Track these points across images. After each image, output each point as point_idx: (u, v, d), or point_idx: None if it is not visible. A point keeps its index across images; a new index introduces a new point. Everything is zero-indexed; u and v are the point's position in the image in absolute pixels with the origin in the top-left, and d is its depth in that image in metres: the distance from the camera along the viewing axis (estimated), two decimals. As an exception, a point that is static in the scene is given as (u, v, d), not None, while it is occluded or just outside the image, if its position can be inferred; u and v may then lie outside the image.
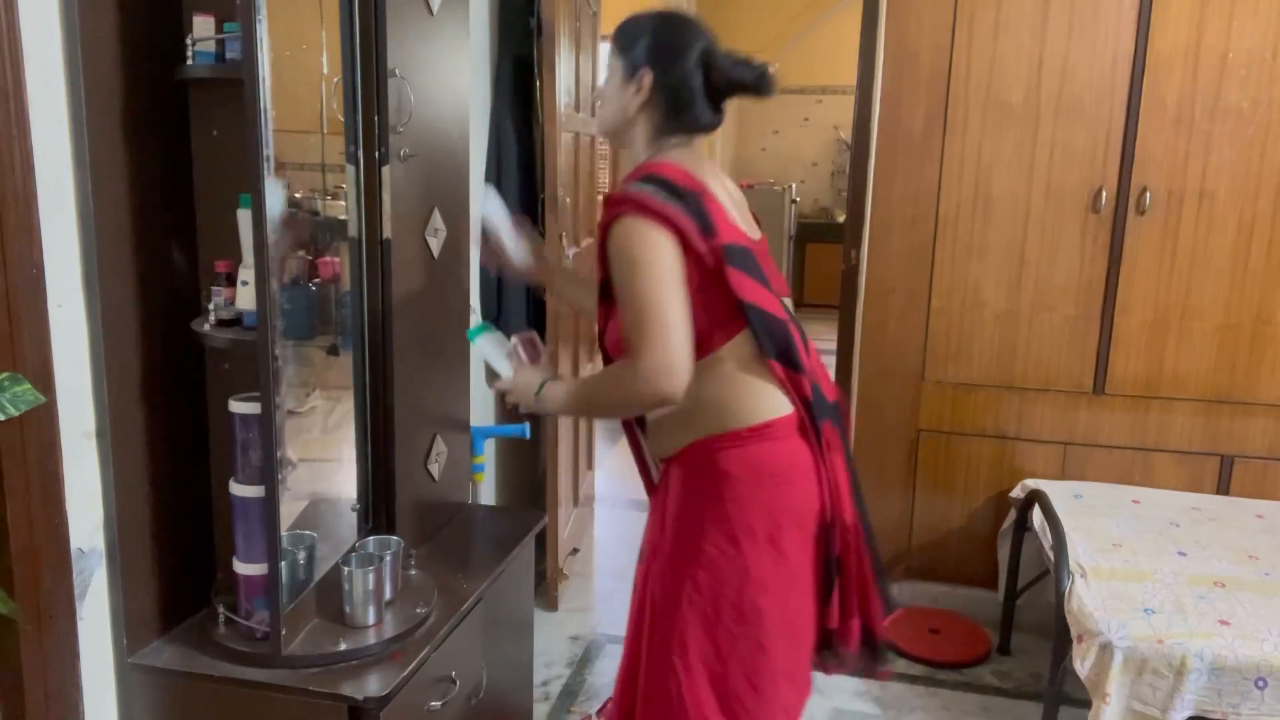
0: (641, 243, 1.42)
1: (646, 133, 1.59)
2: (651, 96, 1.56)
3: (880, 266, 3.00)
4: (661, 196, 1.43)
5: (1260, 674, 1.98)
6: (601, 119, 1.64)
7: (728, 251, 1.46)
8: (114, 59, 1.43)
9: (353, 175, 1.68)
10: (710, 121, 1.59)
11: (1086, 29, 2.74)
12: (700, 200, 1.45)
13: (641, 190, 1.45)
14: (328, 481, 1.82)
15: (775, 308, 1.51)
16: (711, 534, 1.52)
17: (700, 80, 1.55)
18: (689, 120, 1.57)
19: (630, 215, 1.43)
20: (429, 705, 1.64)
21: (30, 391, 1.20)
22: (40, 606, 1.38)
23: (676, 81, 1.55)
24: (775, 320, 1.50)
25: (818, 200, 9.12)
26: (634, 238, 1.43)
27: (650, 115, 1.58)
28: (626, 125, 1.60)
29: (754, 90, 1.57)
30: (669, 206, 1.43)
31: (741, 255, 1.48)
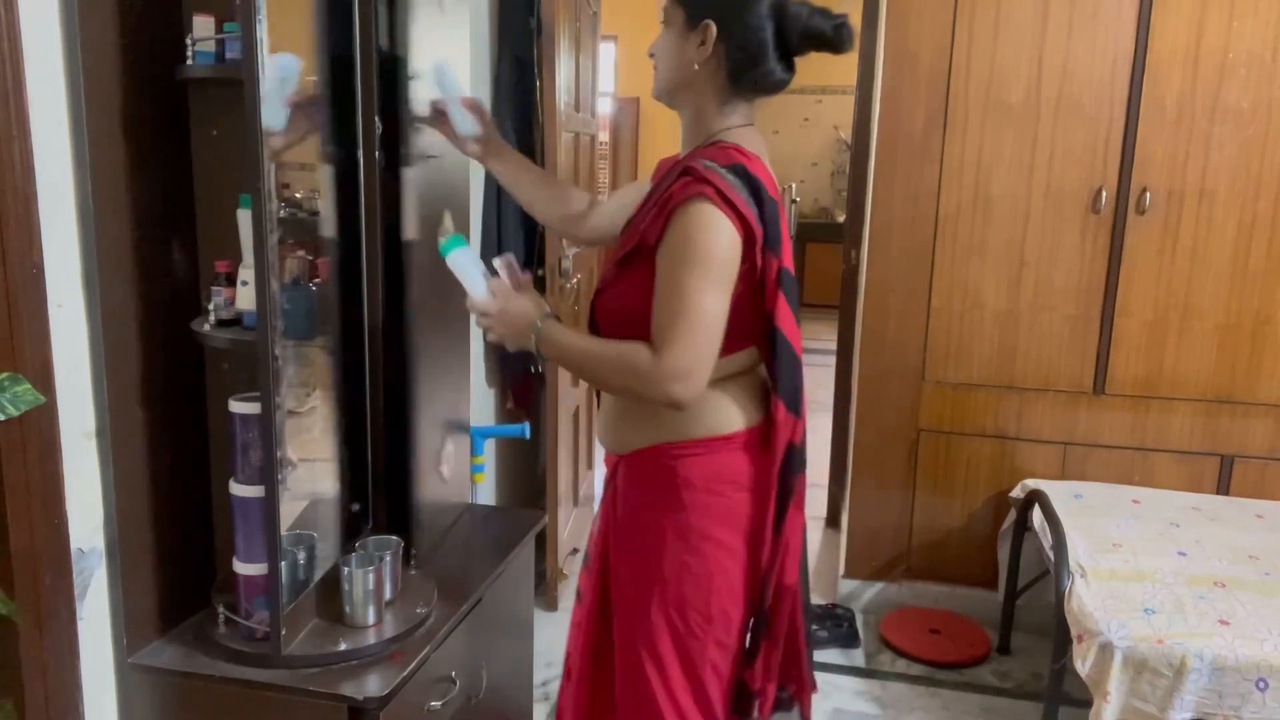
0: (714, 238, 1.31)
1: (708, 94, 1.43)
2: (716, 51, 1.39)
3: (880, 266, 3.00)
4: (746, 194, 1.32)
5: (1261, 674, 1.98)
6: (658, 77, 1.47)
7: (783, 276, 1.38)
8: (114, 59, 1.43)
9: (329, 176, 1.67)
10: (780, 79, 1.42)
11: (1086, 29, 2.74)
12: (777, 211, 1.36)
13: (727, 179, 1.32)
14: (328, 481, 1.82)
15: (799, 346, 1.43)
16: (673, 544, 1.45)
17: (772, 32, 1.38)
18: (758, 78, 1.40)
19: (710, 201, 1.30)
20: (429, 705, 1.64)
21: (30, 391, 1.20)
22: (40, 606, 1.38)
23: (745, 33, 1.37)
24: (797, 361, 1.42)
25: (818, 200, 9.12)
26: (707, 229, 1.31)
27: (714, 74, 1.41)
28: (684, 84, 1.44)
29: (831, 43, 1.40)
30: (751, 209, 1.33)
31: (791, 283, 1.39)
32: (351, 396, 1.78)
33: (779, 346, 1.40)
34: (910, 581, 3.17)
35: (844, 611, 3.08)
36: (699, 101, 1.45)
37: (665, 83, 1.47)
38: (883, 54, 2.90)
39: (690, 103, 1.46)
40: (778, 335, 1.39)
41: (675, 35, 1.43)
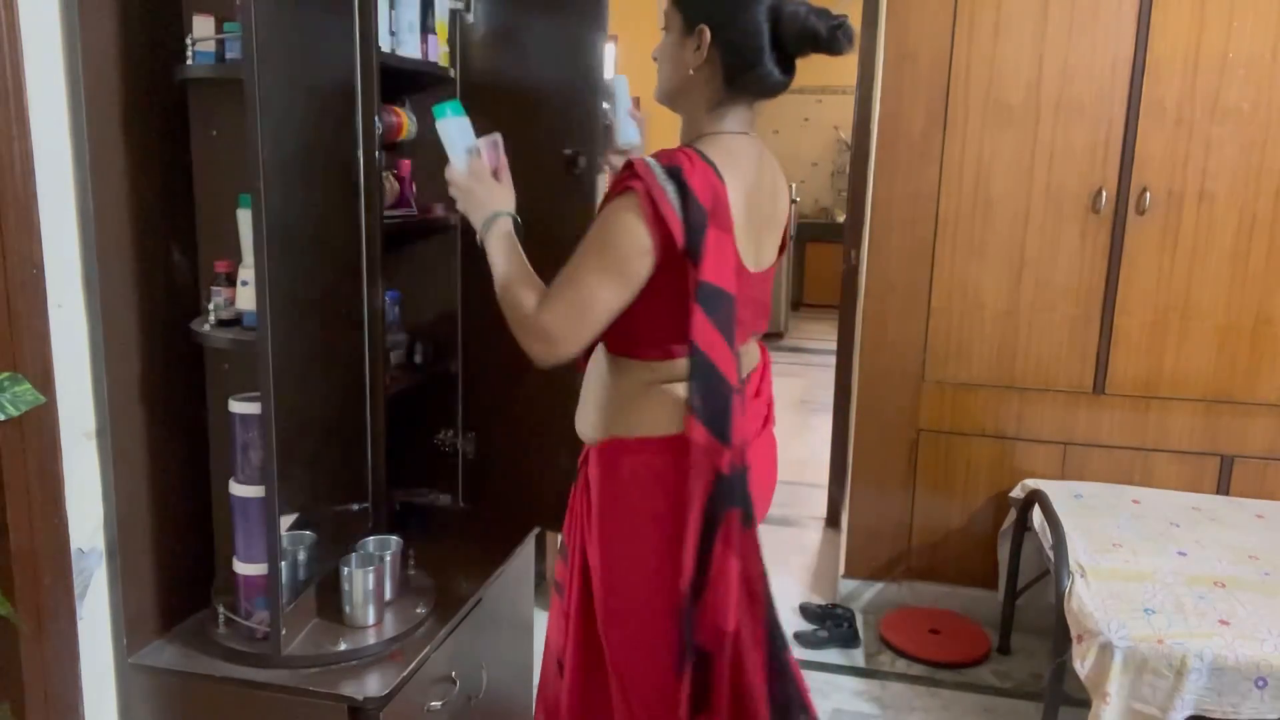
0: (622, 231, 1.32)
1: (702, 98, 1.43)
2: (711, 55, 1.39)
3: (880, 266, 3.00)
4: (676, 204, 1.31)
5: (1260, 674, 1.98)
6: (660, 81, 1.48)
7: (701, 289, 1.33)
8: (114, 59, 1.43)
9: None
10: (778, 82, 1.42)
11: (1086, 29, 2.74)
12: (705, 224, 1.32)
13: (662, 183, 1.31)
14: (328, 481, 1.82)
15: (730, 369, 1.36)
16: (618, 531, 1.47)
17: (768, 35, 1.37)
18: (753, 81, 1.40)
19: (637, 198, 1.31)
20: (429, 705, 1.64)
21: (30, 391, 1.20)
22: (40, 606, 1.38)
23: (740, 37, 1.37)
24: (722, 382, 1.36)
25: (818, 200, 9.12)
26: (620, 221, 1.33)
27: (709, 78, 1.41)
28: (682, 88, 1.45)
29: (828, 45, 1.38)
30: (676, 217, 1.31)
31: (715, 298, 1.34)
32: (351, 396, 1.78)
33: (695, 363, 1.35)
34: (910, 581, 3.17)
35: (844, 611, 3.08)
36: (694, 105, 1.45)
37: (665, 88, 1.48)
38: (883, 54, 2.90)
39: (686, 106, 1.47)
40: (694, 349, 1.35)
41: (674, 39, 1.43)
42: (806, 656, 2.90)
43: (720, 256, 1.34)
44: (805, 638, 2.96)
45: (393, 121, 1.84)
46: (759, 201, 1.46)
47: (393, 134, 1.85)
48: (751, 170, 1.44)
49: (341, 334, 1.71)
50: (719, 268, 1.34)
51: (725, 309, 1.36)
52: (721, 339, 1.35)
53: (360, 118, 1.66)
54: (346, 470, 1.78)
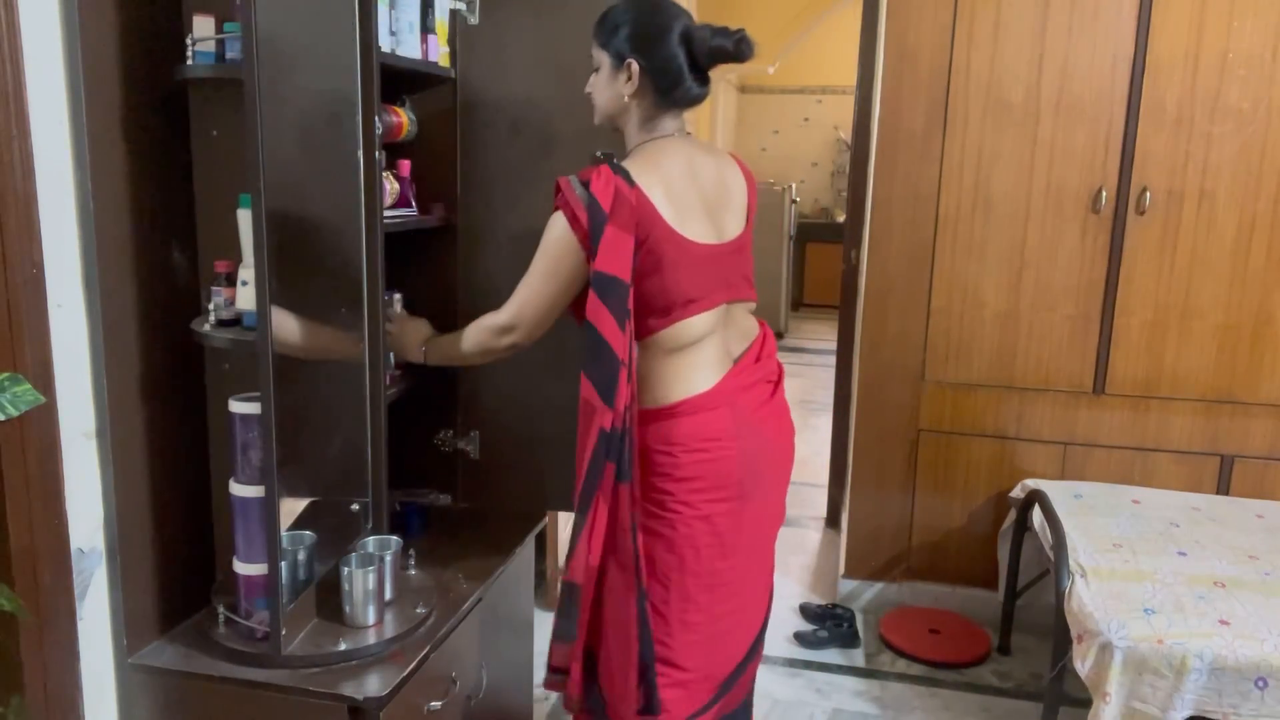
0: (555, 239, 1.62)
1: (640, 115, 1.69)
2: (642, 82, 1.64)
3: (880, 266, 3.00)
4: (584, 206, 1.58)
5: (1260, 674, 1.98)
6: (598, 110, 1.72)
7: (595, 278, 1.57)
8: (114, 59, 1.43)
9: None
10: (698, 94, 1.69)
11: (1086, 29, 2.74)
12: (603, 224, 1.57)
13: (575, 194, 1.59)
14: (328, 481, 1.82)
15: (619, 346, 1.58)
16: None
17: (684, 57, 1.64)
18: (679, 97, 1.67)
19: (562, 214, 1.61)
20: (429, 705, 1.64)
21: (30, 391, 1.20)
22: (40, 606, 1.38)
23: (663, 64, 1.63)
24: (611, 356, 1.58)
25: (818, 200, 9.12)
26: (554, 232, 1.62)
27: (642, 98, 1.67)
28: (622, 112, 1.69)
29: (735, 57, 1.63)
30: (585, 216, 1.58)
31: (608, 286, 1.57)
32: (351, 395, 1.78)
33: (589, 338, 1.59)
34: (910, 581, 3.17)
35: (844, 611, 3.08)
36: (630, 122, 1.71)
37: (604, 114, 1.73)
38: (883, 54, 2.90)
39: (624, 124, 1.72)
40: (589, 327, 1.58)
41: (606, 75, 1.68)
42: (806, 656, 2.90)
43: (615, 250, 1.57)
44: (805, 638, 2.96)
45: (393, 121, 1.84)
46: (698, 188, 1.68)
47: (393, 134, 1.85)
48: (680, 165, 1.67)
49: (341, 334, 1.71)
50: (612, 260, 1.57)
51: (618, 294, 1.57)
52: (612, 319, 1.57)
53: (360, 118, 1.66)
54: (347, 470, 1.78)
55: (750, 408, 1.72)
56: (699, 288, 1.65)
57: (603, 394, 1.58)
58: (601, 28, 1.67)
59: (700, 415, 1.65)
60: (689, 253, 1.63)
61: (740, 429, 1.68)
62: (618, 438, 1.59)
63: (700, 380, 1.67)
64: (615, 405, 1.58)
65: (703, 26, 1.64)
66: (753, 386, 1.74)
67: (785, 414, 1.83)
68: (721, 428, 1.66)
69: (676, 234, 1.62)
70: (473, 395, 2.12)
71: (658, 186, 1.61)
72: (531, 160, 2.00)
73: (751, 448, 1.69)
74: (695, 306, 1.65)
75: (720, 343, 1.71)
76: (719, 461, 1.66)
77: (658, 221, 1.60)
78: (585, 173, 1.60)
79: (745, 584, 1.76)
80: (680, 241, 1.62)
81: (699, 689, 1.71)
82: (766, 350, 1.80)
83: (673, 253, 1.61)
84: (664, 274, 1.61)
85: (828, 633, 2.97)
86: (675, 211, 1.63)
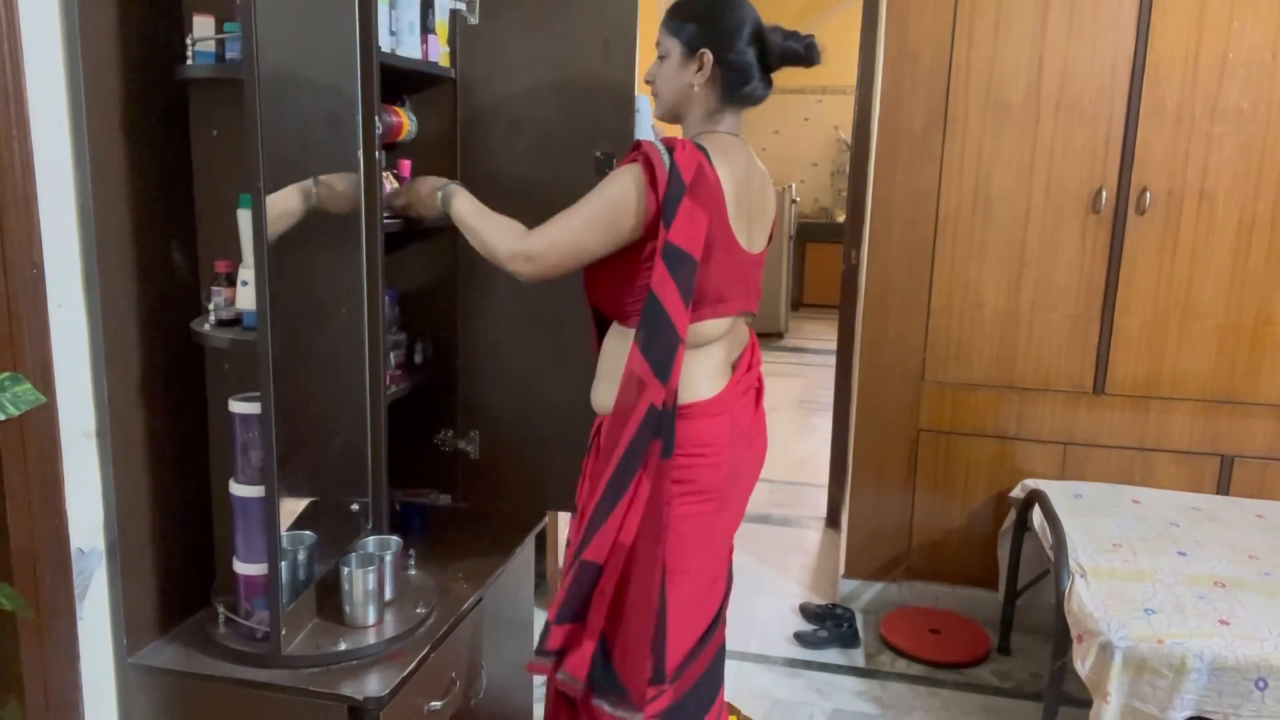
0: (622, 187, 1.54)
1: (704, 109, 1.65)
2: (712, 74, 1.62)
3: (880, 266, 3.00)
4: (666, 169, 1.52)
5: (1260, 674, 1.98)
6: (661, 100, 1.69)
7: (666, 249, 1.52)
8: (114, 59, 1.43)
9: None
10: (763, 94, 1.66)
11: (1086, 29, 2.74)
12: (681, 194, 1.51)
13: (659, 153, 1.53)
14: (328, 481, 1.82)
15: (681, 322, 1.54)
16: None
17: (755, 56, 1.62)
18: (746, 95, 1.64)
19: (638, 165, 1.54)
20: (429, 705, 1.64)
21: (30, 391, 1.20)
22: (40, 606, 1.38)
23: (735, 59, 1.61)
24: (672, 331, 1.53)
25: (818, 200, 9.12)
26: (622, 183, 1.55)
27: (709, 93, 1.64)
28: (686, 102, 1.66)
29: (805, 60, 1.64)
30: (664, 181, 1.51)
31: (679, 260, 1.52)
32: (351, 395, 1.78)
33: (650, 309, 1.53)
34: (910, 581, 3.17)
35: (844, 611, 3.08)
36: (694, 116, 1.67)
37: (668, 105, 1.69)
38: (883, 54, 2.90)
39: (687, 118, 1.68)
40: (651, 297, 1.52)
41: (674, 64, 1.64)
42: (807, 656, 2.90)
43: (690, 225, 1.52)
44: (805, 638, 2.96)
45: (393, 121, 1.84)
46: (749, 194, 1.66)
47: (393, 134, 1.85)
48: (741, 166, 1.64)
49: (342, 334, 1.71)
50: (687, 234, 1.52)
51: (686, 270, 1.53)
52: (678, 294, 1.52)
53: (360, 118, 1.66)
54: (347, 470, 1.78)
55: (745, 417, 1.72)
56: (729, 290, 1.64)
57: (658, 369, 1.53)
58: (676, 16, 1.64)
59: (703, 420, 1.64)
60: (732, 253, 1.62)
61: (735, 438, 1.68)
62: (668, 415, 1.55)
63: (706, 386, 1.66)
64: (670, 381, 1.54)
65: (774, 29, 1.64)
66: (744, 395, 1.74)
67: (764, 428, 1.83)
68: (719, 435, 1.66)
69: (730, 230, 1.60)
70: (473, 395, 2.13)
71: (730, 180, 1.59)
72: (531, 160, 2.00)
73: (739, 458, 1.69)
74: (721, 308, 1.64)
75: (725, 349, 1.71)
76: (711, 469, 1.65)
77: (722, 212, 1.57)
78: (666, 140, 1.56)
79: (703, 581, 1.73)
80: (730, 239, 1.60)
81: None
82: (755, 359, 1.80)
83: (722, 247, 1.59)
84: (709, 266, 1.57)
85: (828, 633, 2.97)
86: (735, 209, 1.60)
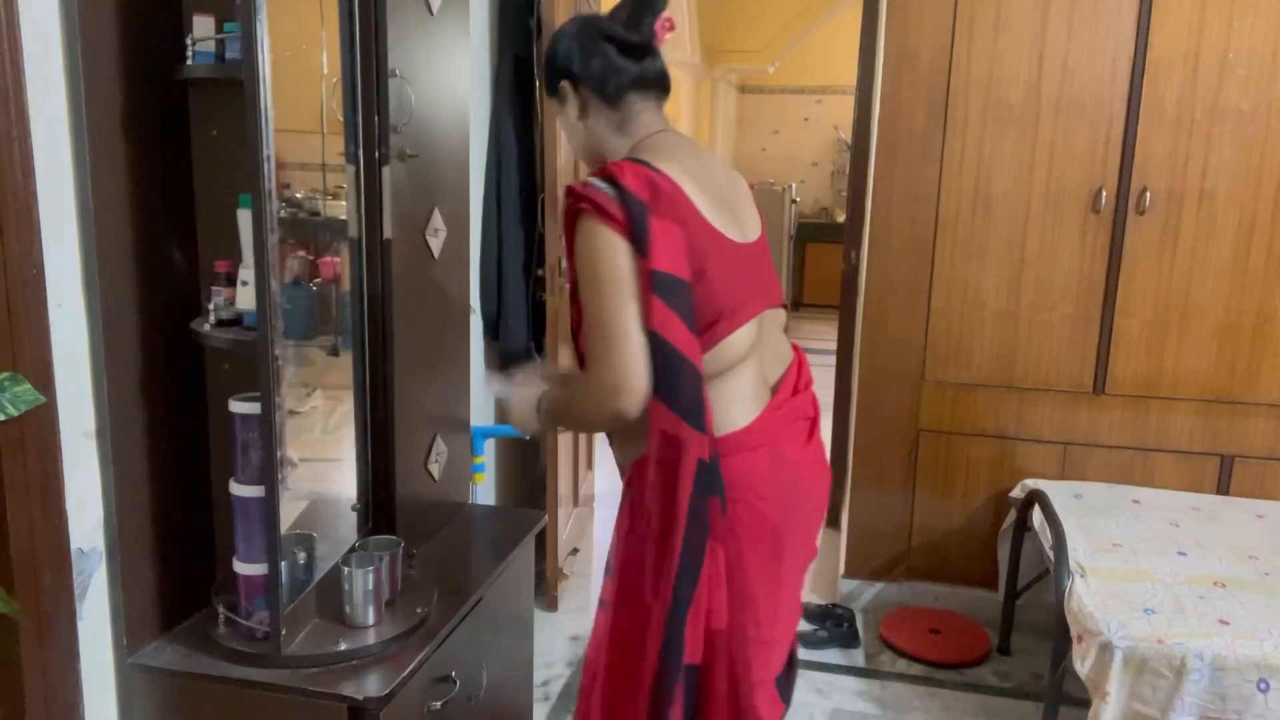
0: (600, 251, 1.35)
1: (610, 128, 1.53)
2: (589, 97, 1.52)
3: (880, 266, 3.00)
4: (617, 201, 1.35)
5: (1261, 675, 1.98)
6: (579, 154, 1.61)
7: (655, 278, 1.33)
8: (114, 59, 1.43)
9: (352, 175, 1.68)
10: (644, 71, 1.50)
11: (1086, 29, 2.74)
12: (645, 214, 1.34)
13: (600, 190, 1.36)
14: (328, 481, 1.82)
15: (695, 356, 1.36)
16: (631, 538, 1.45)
17: (611, 49, 1.49)
18: (629, 84, 1.50)
19: (590, 217, 1.36)
20: (429, 705, 1.64)
21: (30, 391, 1.20)
22: (40, 606, 1.38)
23: (592, 68, 1.49)
24: (692, 370, 1.35)
25: (818, 200, 9.12)
26: (595, 244, 1.35)
27: (599, 113, 1.52)
28: (595, 139, 1.55)
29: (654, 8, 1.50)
30: (620, 211, 1.34)
31: (670, 285, 1.34)
32: (353, 394, 1.78)
33: (661, 353, 1.33)
34: (910, 581, 3.17)
35: (844, 611, 3.08)
36: (609, 143, 1.54)
37: (584, 152, 1.59)
38: (883, 54, 2.90)
39: (604, 147, 1.55)
40: (657, 339, 1.33)
41: (561, 112, 1.57)
42: (807, 656, 2.90)
43: (668, 245, 1.34)
44: (805, 638, 2.96)
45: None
46: (713, 182, 1.49)
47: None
48: (688, 154, 1.49)
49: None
50: (668, 256, 1.34)
51: (683, 295, 1.35)
52: (684, 326, 1.34)
53: (360, 117, 1.66)
54: (346, 469, 1.78)
55: (791, 450, 1.51)
56: (740, 293, 1.45)
57: (691, 418, 1.34)
58: (544, 78, 1.60)
59: (739, 457, 1.44)
60: (726, 251, 1.43)
61: (780, 474, 1.47)
62: (715, 465, 1.37)
63: (738, 414, 1.45)
64: (707, 428, 1.36)
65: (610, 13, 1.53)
66: (792, 423, 1.54)
67: (823, 458, 1.62)
68: (760, 472, 1.45)
69: (713, 228, 1.42)
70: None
71: (683, 175, 1.41)
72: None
73: (790, 498, 1.49)
74: (738, 317, 1.44)
75: (757, 368, 1.51)
76: (756, 514, 1.44)
77: (694, 213, 1.39)
78: (600, 172, 1.39)
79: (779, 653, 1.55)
80: (717, 237, 1.42)
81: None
82: (803, 380, 1.60)
83: (714, 251, 1.40)
84: (708, 278, 1.39)
85: (828, 633, 2.97)
86: (705, 201, 1.43)
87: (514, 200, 2.83)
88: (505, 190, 2.81)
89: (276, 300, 1.42)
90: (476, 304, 2.77)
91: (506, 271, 2.84)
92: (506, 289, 2.86)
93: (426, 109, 1.84)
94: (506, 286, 2.86)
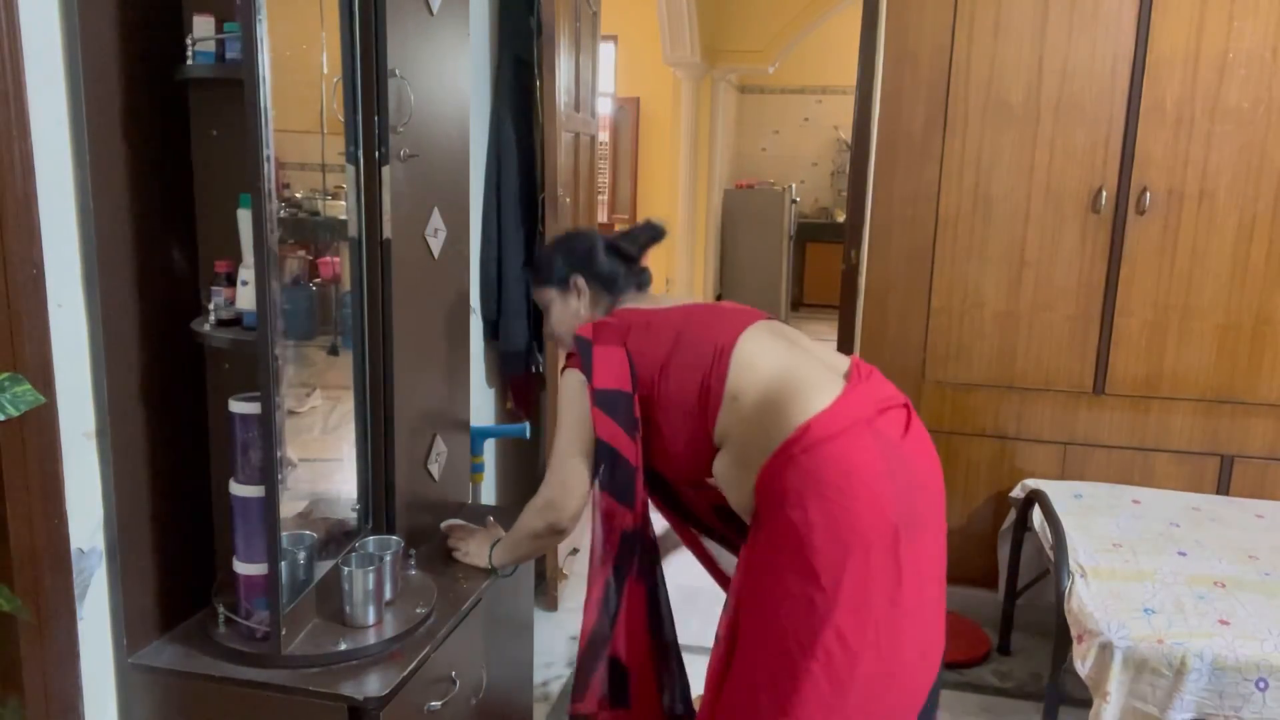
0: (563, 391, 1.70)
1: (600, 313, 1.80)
2: (589, 290, 1.80)
3: (880, 266, 3.00)
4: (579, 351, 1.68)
5: (1261, 674, 1.98)
6: (565, 340, 1.82)
7: (597, 395, 1.64)
8: (114, 59, 1.43)
9: (352, 175, 1.68)
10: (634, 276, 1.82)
11: (1086, 29, 2.75)
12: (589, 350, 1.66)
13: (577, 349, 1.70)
14: (328, 481, 1.82)
15: (630, 452, 1.65)
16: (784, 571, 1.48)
17: (614, 256, 1.81)
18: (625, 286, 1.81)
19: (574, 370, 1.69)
20: (429, 705, 1.64)
21: (30, 391, 1.20)
22: (40, 606, 1.38)
23: (599, 267, 1.80)
24: (625, 464, 1.65)
25: (818, 200, 9.12)
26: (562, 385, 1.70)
27: (595, 305, 1.81)
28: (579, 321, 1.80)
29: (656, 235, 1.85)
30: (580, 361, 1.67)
31: (611, 401, 1.64)
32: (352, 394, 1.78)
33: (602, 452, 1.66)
34: (910, 581, 3.16)
35: (844, 611, 3.08)
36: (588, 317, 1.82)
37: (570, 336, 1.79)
38: (883, 54, 2.90)
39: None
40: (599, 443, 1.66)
41: (558, 305, 1.84)
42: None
43: (608, 364, 1.65)
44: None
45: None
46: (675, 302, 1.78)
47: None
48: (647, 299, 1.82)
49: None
50: (607, 373, 1.64)
51: (622, 406, 1.64)
52: (621, 431, 1.64)
53: (360, 117, 1.66)
54: (346, 469, 1.78)
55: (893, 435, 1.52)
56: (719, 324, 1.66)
57: (622, 499, 1.66)
58: (541, 271, 1.84)
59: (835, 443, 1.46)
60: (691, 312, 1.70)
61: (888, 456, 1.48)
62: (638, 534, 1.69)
63: (815, 398, 1.51)
64: (635, 506, 1.66)
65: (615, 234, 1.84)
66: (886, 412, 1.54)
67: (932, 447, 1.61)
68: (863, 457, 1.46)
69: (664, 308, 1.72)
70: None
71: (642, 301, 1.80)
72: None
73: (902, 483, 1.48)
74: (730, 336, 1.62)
75: (804, 356, 1.62)
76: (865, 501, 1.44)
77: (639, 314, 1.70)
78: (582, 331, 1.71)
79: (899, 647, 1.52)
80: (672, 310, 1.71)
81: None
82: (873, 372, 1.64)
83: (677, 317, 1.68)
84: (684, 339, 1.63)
85: (828, 633, 2.96)
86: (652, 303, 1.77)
87: (514, 200, 2.83)
88: (505, 190, 2.81)
89: (276, 300, 1.42)
90: (476, 304, 2.77)
91: (506, 271, 2.84)
92: (506, 289, 2.86)
93: (426, 109, 1.84)
94: (506, 286, 2.86)
